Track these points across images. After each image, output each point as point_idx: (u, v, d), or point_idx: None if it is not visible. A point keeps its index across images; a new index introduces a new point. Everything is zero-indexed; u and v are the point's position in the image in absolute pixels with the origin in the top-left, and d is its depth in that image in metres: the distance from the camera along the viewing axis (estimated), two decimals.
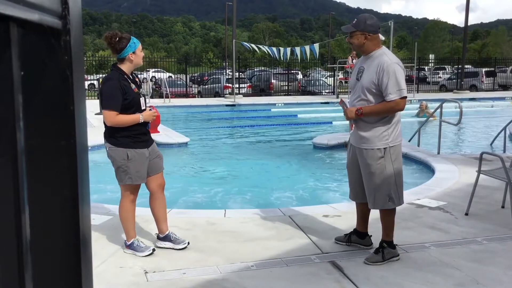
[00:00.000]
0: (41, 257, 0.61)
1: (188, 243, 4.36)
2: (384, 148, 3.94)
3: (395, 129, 3.98)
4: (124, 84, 4.00)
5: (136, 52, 4.05)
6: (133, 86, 4.06)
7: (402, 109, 3.93)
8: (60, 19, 0.56)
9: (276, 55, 22.68)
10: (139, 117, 4.01)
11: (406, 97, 3.91)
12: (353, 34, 4.00)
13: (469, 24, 30.27)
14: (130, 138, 4.02)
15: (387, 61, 3.87)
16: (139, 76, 4.35)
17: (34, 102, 0.59)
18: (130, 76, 4.12)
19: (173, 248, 4.29)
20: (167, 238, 4.36)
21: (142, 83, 4.22)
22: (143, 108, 4.12)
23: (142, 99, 4.14)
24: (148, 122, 4.12)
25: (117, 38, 3.99)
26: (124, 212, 4.18)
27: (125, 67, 4.07)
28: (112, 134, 4.04)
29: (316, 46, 23.20)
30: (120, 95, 3.95)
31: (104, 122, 4.03)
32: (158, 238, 4.39)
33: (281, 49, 23.42)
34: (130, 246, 4.17)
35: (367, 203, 4.23)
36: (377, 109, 3.92)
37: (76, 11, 0.59)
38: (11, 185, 0.58)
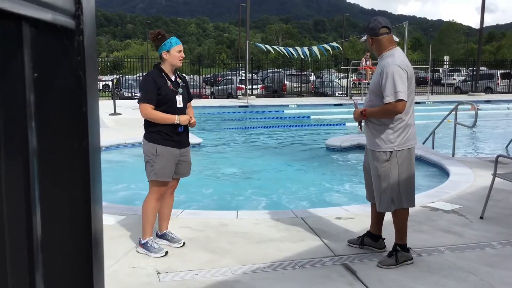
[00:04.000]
0: (52, 257, 0.61)
1: (184, 243, 4.41)
2: (390, 152, 3.95)
3: (402, 133, 3.95)
4: (159, 80, 4.14)
5: (170, 52, 4.17)
6: (169, 83, 4.17)
7: (399, 112, 3.86)
8: (74, 19, 0.56)
9: (295, 54, 22.69)
10: (175, 118, 4.11)
11: (402, 100, 3.81)
12: (366, 39, 4.18)
13: (484, 25, 29.97)
14: (161, 135, 4.12)
15: (389, 63, 3.88)
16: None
17: (46, 103, 0.58)
18: (170, 75, 4.23)
19: (169, 246, 4.35)
20: (164, 237, 4.45)
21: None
22: (179, 106, 4.20)
23: (179, 97, 4.21)
24: (181, 126, 4.16)
25: (159, 36, 4.19)
26: (147, 207, 4.22)
27: (163, 66, 4.23)
28: (147, 128, 4.19)
29: (334, 43, 23.32)
30: (154, 89, 4.09)
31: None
32: (156, 235, 4.44)
33: (298, 48, 23.44)
34: (144, 245, 4.19)
35: None
36: (377, 111, 3.96)
37: (89, 10, 0.58)
38: (22, 185, 0.57)
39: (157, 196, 4.22)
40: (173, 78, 4.27)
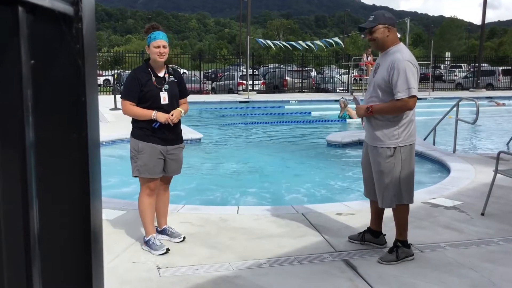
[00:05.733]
0: (50, 252, 0.60)
1: (184, 238, 4.40)
2: (394, 148, 3.91)
3: (406, 128, 3.92)
4: (143, 76, 4.06)
5: (149, 47, 4.09)
6: (153, 79, 4.08)
7: (411, 109, 3.85)
8: (72, 5, 0.54)
9: (298, 47, 22.81)
10: (151, 114, 4.02)
11: (415, 96, 3.81)
12: (375, 29, 3.95)
13: (486, 22, 29.91)
14: (143, 131, 4.06)
15: (399, 58, 3.81)
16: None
17: (44, 93, 0.57)
18: (157, 70, 4.14)
19: (169, 241, 4.33)
20: (163, 232, 4.44)
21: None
22: (163, 102, 4.09)
23: (163, 94, 4.10)
24: (157, 122, 4.04)
25: (150, 30, 4.12)
26: (141, 205, 4.20)
27: (150, 61, 4.15)
28: (132, 124, 4.15)
29: (336, 39, 23.50)
30: (136, 86, 4.03)
31: None
32: (156, 231, 4.41)
33: (301, 42, 23.50)
34: (147, 243, 4.17)
35: None
36: (386, 107, 3.89)
37: None
38: (19, 180, 0.56)
39: (147, 192, 4.17)
40: (161, 73, 4.16)
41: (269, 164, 9.01)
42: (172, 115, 4.07)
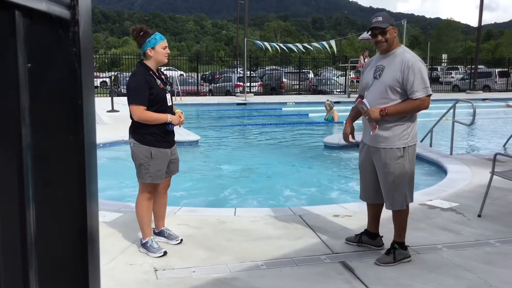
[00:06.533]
0: (46, 254, 0.60)
1: (182, 240, 4.40)
2: (404, 148, 3.89)
3: (414, 128, 3.94)
4: (150, 79, 4.00)
5: (155, 48, 4.02)
6: (158, 81, 4.06)
7: (427, 107, 3.85)
8: (69, 9, 0.54)
9: (295, 49, 22.89)
10: (167, 117, 4.01)
11: (431, 94, 3.87)
12: (388, 29, 3.89)
13: (483, 24, 30.00)
14: (154, 136, 4.02)
15: (411, 59, 3.83)
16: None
17: (40, 96, 0.57)
18: (156, 72, 4.11)
19: (166, 243, 4.33)
20: (161, 234, 4.43)
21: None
22: (169, 104, 4.12)
23: (168, 95, 4.12)
24: (170, 125, 4.08)
25: (141, 32, 4.03)
26: (140, 209, 4.18)
27: (149, 63, 4.08)
28: (138, 130, 4.04)
29: (333, 42, 23.58)
30: (146, 89, 3.96)
31: (131, 117, 4.04)
32: (154, 233, 4.40)
33: (298, 44, 23.57)
34: (144, 245, 4.16)
35: (379, 204, 4.20)
36: (403, 108, 3.84)
37: (85, 1, 0.57)
38: (16, 182, 0.56)
39: (147, 196, 4.17)
40: (157, 75, 4.16)
41: (266, 166, 9.01)
42: (180, 117, 4.15)
